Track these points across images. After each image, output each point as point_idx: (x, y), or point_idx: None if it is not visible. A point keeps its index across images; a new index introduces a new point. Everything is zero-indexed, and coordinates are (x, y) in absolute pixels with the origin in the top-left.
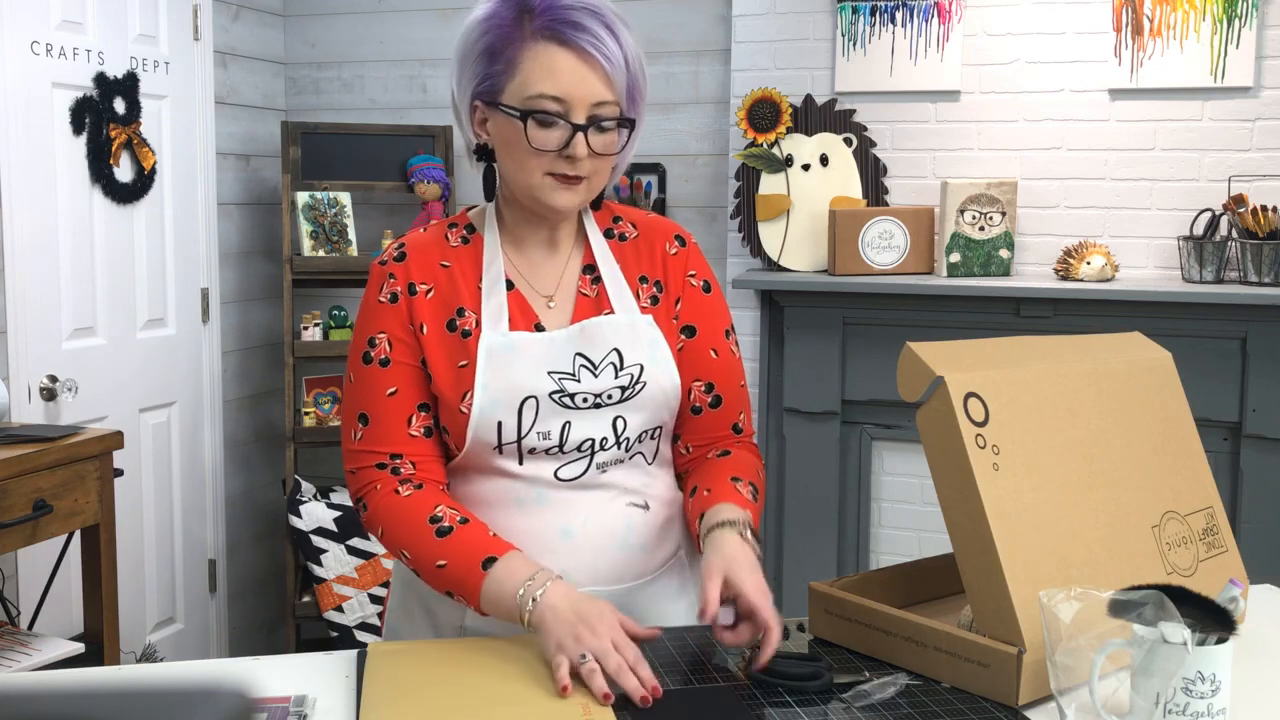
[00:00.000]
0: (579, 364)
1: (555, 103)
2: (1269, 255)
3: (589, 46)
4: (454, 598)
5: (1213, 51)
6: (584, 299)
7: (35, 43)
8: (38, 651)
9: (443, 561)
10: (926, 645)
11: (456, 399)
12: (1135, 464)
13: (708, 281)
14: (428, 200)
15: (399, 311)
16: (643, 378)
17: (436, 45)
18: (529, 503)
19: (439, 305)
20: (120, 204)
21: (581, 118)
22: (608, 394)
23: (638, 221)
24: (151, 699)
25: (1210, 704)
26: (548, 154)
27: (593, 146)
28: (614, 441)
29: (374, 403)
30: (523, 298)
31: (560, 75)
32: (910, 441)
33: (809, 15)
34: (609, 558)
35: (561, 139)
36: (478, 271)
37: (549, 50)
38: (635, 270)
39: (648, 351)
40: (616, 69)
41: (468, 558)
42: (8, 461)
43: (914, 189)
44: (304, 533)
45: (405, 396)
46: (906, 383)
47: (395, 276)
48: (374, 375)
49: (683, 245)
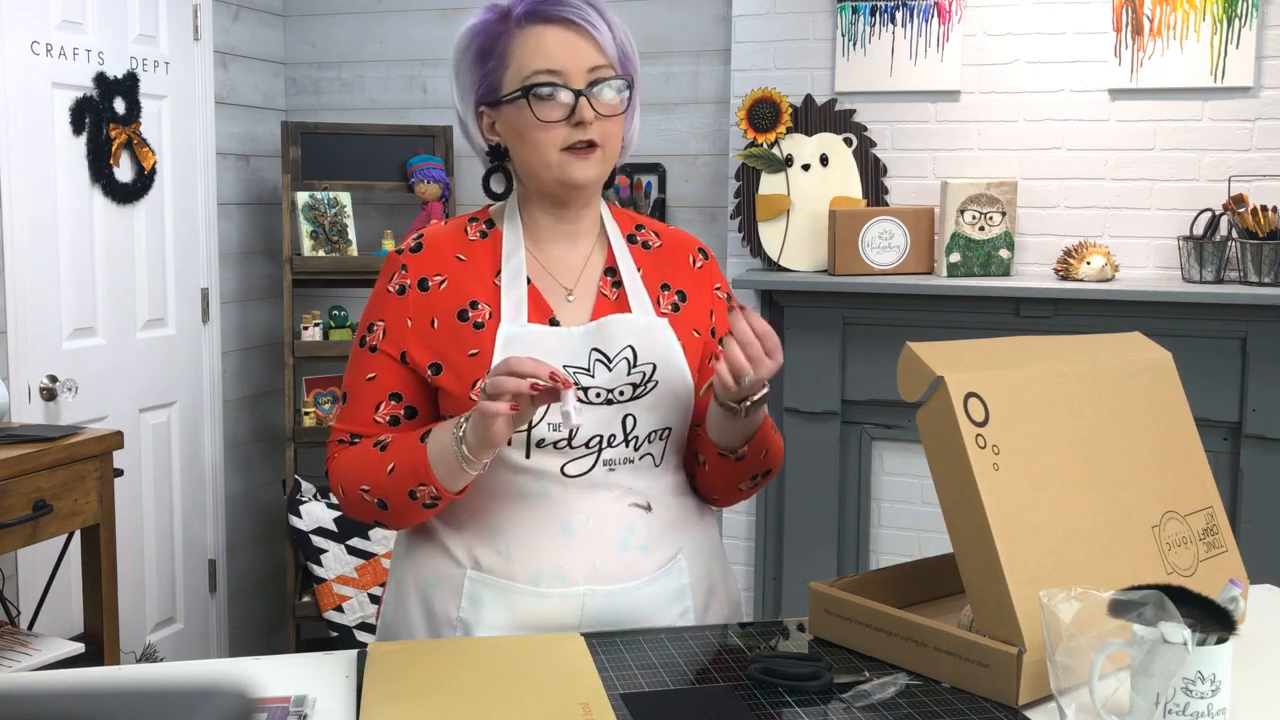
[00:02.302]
0: (594, 359)
1: (551, 74)
2: (1269, 255)
3: (572, 16)
4: (418, 497)
5: (1213, 51)
6: (604, 299)
7: (35, 43)
8: (38, 651)
9: (391, 465)
10: (926, 645)
11: (466, 388)
12: (1135, 464)
13: (730, 294)
14: (428, 200)
15: (403, 304)
16: (655, 376)
17: (436, 45)
18: (532, 496)
19: (451, 295)
20: (120, 204)
21: (580, 84)
22: (619, 390)
23: (661, 232)
24: (151, 699)
25: (1210, 704)
26: (557, 126)
27: (597, 108)
28: (622, 439)
29: (355, 384)
30: (539, 293)
31: (550, 49)
32: (910, 441)
33: (809, 15)
34: (606, 557)
35: (566, 108)
36: (494, 265)
37: (535, 31)
38: (657, 278)
39: (662, 352)
40: (603, 35)
41: (408, 446)
42: (8, 461)
43: (914, 189)
44: (304, 533)
45: (380, 383)
46: (906, 383)
47: (407, 268)
48: (363, 358)
49: (706, 259)
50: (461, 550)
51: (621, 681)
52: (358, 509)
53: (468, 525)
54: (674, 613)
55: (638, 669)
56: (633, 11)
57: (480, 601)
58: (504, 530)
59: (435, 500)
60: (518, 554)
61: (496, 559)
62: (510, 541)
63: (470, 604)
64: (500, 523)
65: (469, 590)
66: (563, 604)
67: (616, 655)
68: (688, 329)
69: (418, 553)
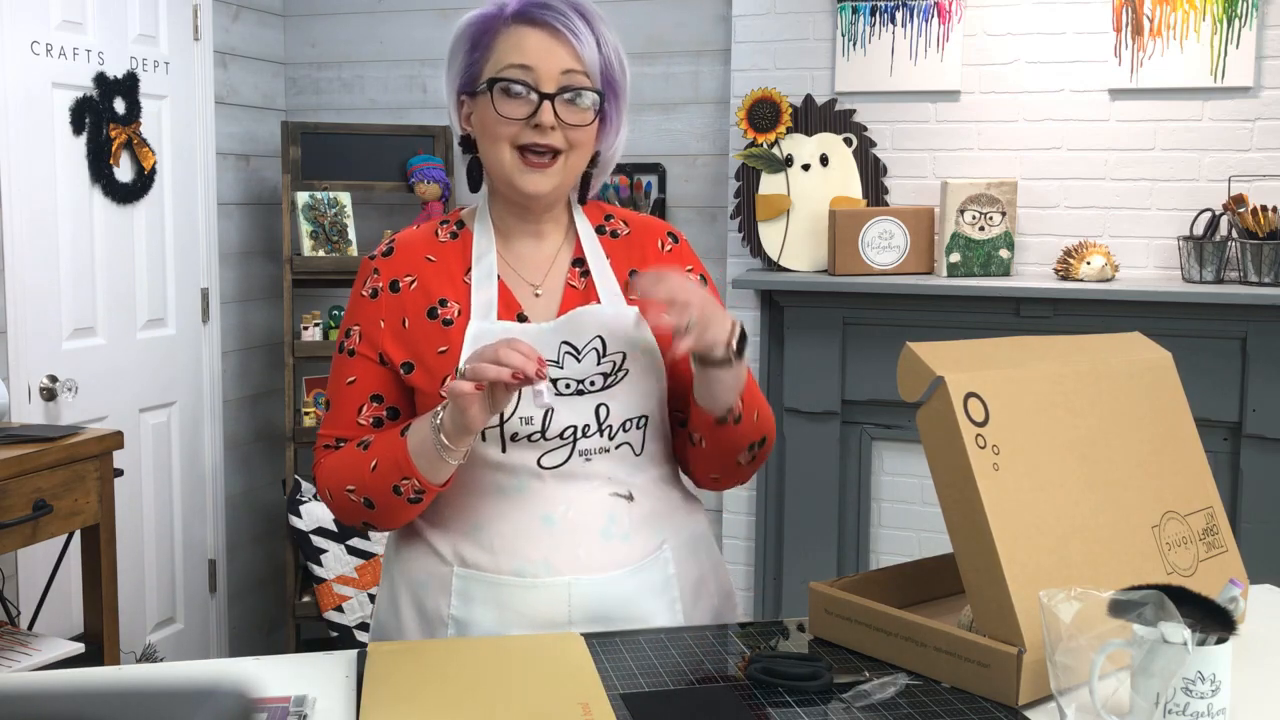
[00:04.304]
0: (564, 351)
1: (522, 71)
2: (1269, 255)
3: (556, 23)
4: (402, 492)
5: (1213, 51)
6: (572, 291)
7: (35, 43)
8: (38, 651)
9: (374, 462)
10: (926, 645)
11: (436, 385)
12: (1135, 464)
13: (703, 275)
14: (428, 200)
15: (376, 307)
16: (625, 365)
17: (436, 45)
18: (511, 491)
19: (421, 294)
20: (120, 204)
21: (550, 88)
22: (590, 380)
23: (630, 220)
24: (151, 699)
25: (1210, 704)
26: (514, 124)
27: (561, 116)
28: (596, 429)
29: (336, 389)
30: (508, 289)
31: (528, 49)
32: (910, 441)
33: (809, 15)
34: (589, 546)
35: (529, 107)
36: (464, 264)
37: (520, 30)
38: (625, 265)
39: (631, 341)
40: (586, 47)
41: (389, 441)
42: (8, 461)
43: (914, 189)
44: (304, 533)
45: (361, 386)
46: (906, 383)
47: (379, 272)
48: (343, 363)
49: (675, 243)
50: (447, 548)
51: (621, 681)
52: (346, 511)
53: (451, 523)
54: (662, 603)
55: (638, 669)
56: (633, 11)
57: (470, 597)
58: (486, 526)
59: (420, 495)
60: (502, 548)
61: (482, 554)
62: (493, 536)
63: (461, 601)
64: (482, 519)
65: (458, 587)
66: (549, 594)
67: (616, 655)
68: (657, 314)
69: (406, 553)
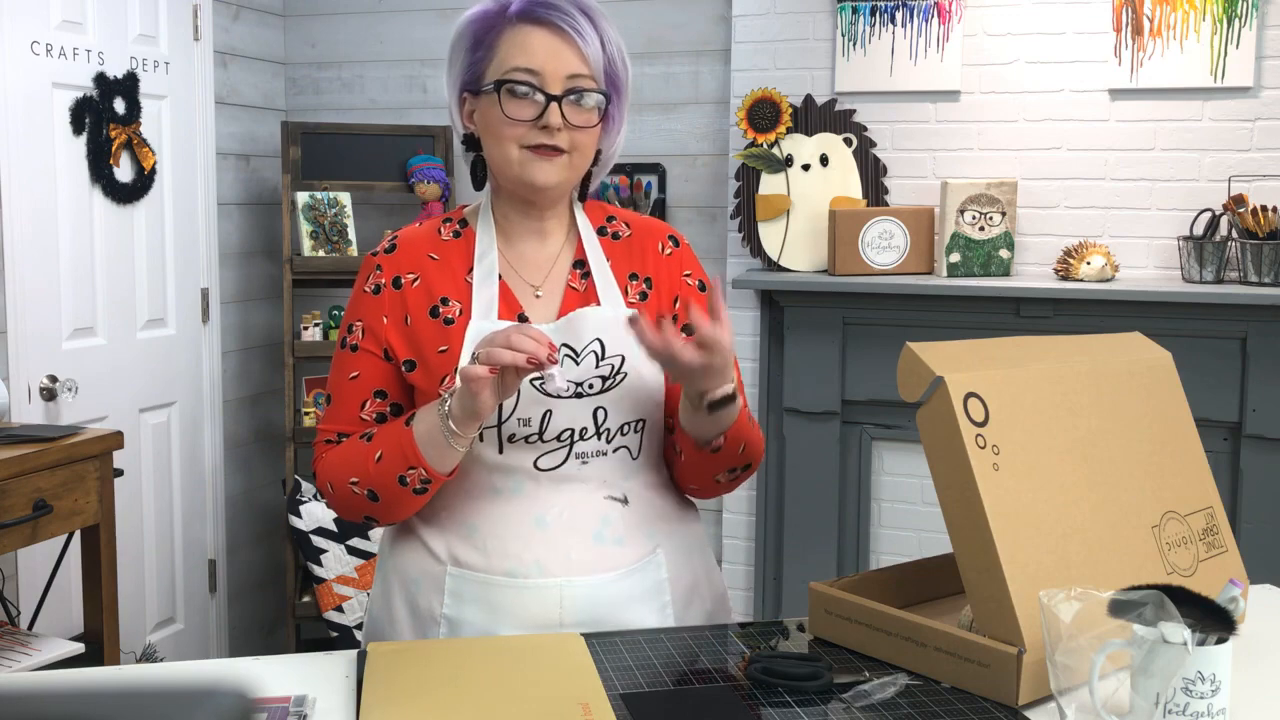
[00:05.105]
0: (563, 353)
1: (529, 74)
2: (1269, 255)
3: (561, 23)
4: (407, 483)
5: (1213, 51)
6: (573, 292)
7: (35, 43)
8: (38, 651)
9: (379, 452)
10: (926, 645)
11: (435, 384)
12: (1135, 464)
13: (702, 281)
14: (428, 200)
15: (379, 303)
16: (624, 369)
17: (436, 45)
18: (506, 492)
19: (423, 293)
20: (120, 204)
21: (556, 89)
22: (588, 383)
23: (631, 222)
24: (151, 699)
25: (1210, 704)
26: (522, 126)
27: (568, 117)
28: (594, 431)
29: (339, 384)
30: (509, 289)
31: (534, 50)
32: (910, 441)
33: (809, 15)
34: (581, 549)
35: (537, 109)
36: (466, 263)
37: (524, 30)
38: (626, 268)
39: (630, 344)
40: (590, 47)
41: (395, 431)
42: (8, 461)
43: (914, 189)
44: (304, 533)
45: (364, 381)
46: (906, 383)
47: (382, 269)
48: (345, 359)
49: (676, 246)
50: (441, 547)
51: (621, 681)
52: (348, 505)
53: (446, 523)
54: (653, 607)
55: (638, 669)
56: (633, 11)
57: (462, 597)
58: (480, 526)
59: (425, 485)
60: (495, 548)
61: (475, 555)
62: (487, 537)
63: (453, 600)
64: (476, 519)
65: (451, 587)
66: (541, 596)
67: (616, 655)
68: (654, 317)
69: (400, 551)
